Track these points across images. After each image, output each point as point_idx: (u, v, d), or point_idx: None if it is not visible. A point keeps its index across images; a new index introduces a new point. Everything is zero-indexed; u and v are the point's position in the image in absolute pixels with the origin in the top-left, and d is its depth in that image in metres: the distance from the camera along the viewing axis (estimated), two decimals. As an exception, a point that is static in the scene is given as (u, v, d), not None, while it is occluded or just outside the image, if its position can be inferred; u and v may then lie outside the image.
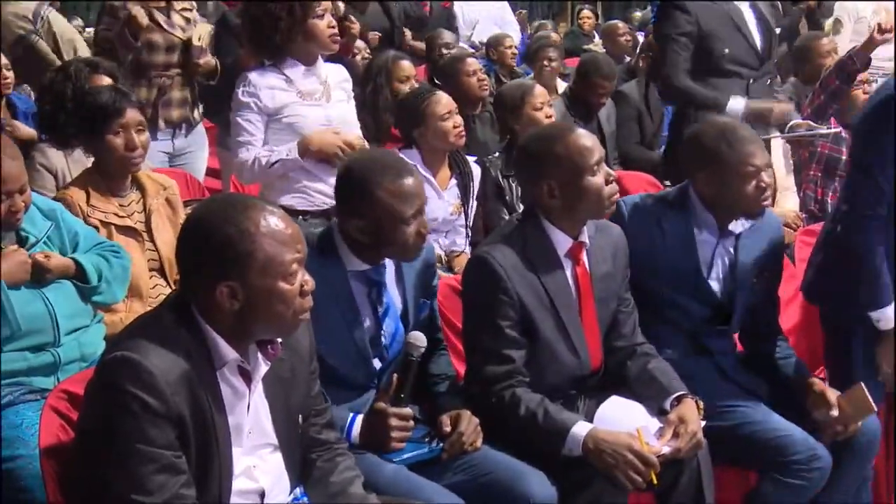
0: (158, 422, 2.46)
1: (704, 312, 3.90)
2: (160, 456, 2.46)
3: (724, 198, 3.80)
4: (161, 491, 2.45)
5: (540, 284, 3.49)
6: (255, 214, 2.59)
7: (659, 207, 3.91)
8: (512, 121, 5.32)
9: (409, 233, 3.32)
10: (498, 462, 3.31)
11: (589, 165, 3.48)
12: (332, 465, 2.94)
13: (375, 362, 3.42)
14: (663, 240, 3.85)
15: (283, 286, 2.58)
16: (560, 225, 3.54)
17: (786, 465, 3.61)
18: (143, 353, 2.49)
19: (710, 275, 3.88)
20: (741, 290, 3.90)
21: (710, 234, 3.88)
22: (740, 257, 3.90)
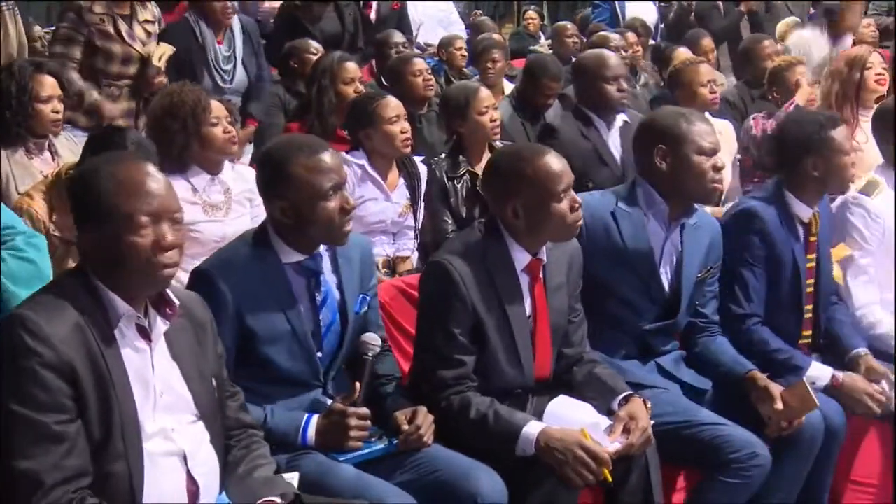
0: (47, 377, 2.51)
1: (653, 310, 3.95)
2: (41, 423, 2.50)
3: (680, 175, 3.84)
4: (41, 458, 2.49)
5: (495, 297, 3.51)
6: (125, 168, 2.69)
7: (611, 201, 3.96)
8: (457, 124, 5.31)
9: (330, 208, 3.30)
10: (448, 459, 3.32)
11: (556, 192, 3.49)
12: (246, 451, 2.96)
13: (318, 355, 3.42)
14: (618, 231, 3.90)
15: (134, 239, 2.62)
16: (521, 242, 3.56)
17: (725, 464, 3.65)
18: (33, 309, 2.58)
19: (660, 268, 3.94)
20: (686, 284, 3.96)
21: (659, 226, 3.93)
22: (686, 251, 3.95)
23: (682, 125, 3.86)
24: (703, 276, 4.01)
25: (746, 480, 3.67)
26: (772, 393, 3.79)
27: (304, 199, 3.29)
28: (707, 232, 4.03)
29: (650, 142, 3.92)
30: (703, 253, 4.00)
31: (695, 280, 3.98)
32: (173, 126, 4.56)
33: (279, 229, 3.36)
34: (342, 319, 3.47)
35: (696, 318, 4.07)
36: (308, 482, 3.05)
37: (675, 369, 3.97)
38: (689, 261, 3.95)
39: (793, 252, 4.13)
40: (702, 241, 4.00)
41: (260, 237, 3.40)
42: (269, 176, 3.37)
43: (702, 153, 3.83)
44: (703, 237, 4.01)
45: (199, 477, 2.74)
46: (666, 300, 3.96)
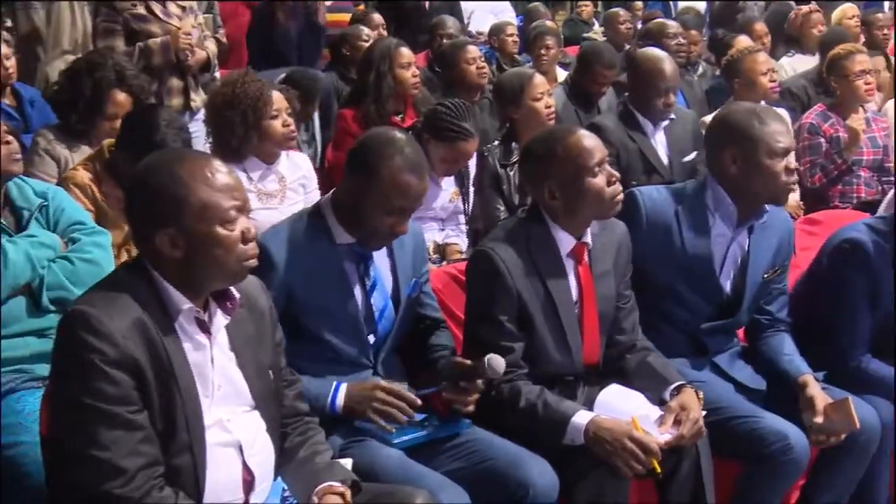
0: (112, 372, 2.51)
1: (709, 311, 3.90)
2: (114, 413, 2.50)
3: (751, 177, 3.74)
4: (117, 446, 2.50)
5: (541, 283, 3.50)
6: (190, 163, 2.66)
7: (676, 199, 3.89)
8: (511, 110, 5.29)
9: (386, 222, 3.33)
10: (498, 448, 3.32)
11: (589, 167, 3.47)
12: (304, 438, 2.98)
13: (370, 338, 3.45)
14: (679, 232, 3.84)
15: (221, 231, 2.62)
16: (563, 225, 3.54)
17: (762, 456, 3.62)
18: (93, 305, 2.57)
19: (722, 271, 3.87)
20: (750, 287, 3.89)
21: (725, 228, 3.85)
22: (752, 253, 3.87)
23: (754, 126, 3.73)
24: (770, 277, 3.94)
25: (782, 472, 3.64)
26: (815, 404, 3.72)
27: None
28: (777, 231, 3.93)
29: (721, 142, 3.81)
30: (772, 254, 3.91)
31: (760, 282, 3.91)
32: (233, 118, 4.59)
33: (339, 214, 3.38)
34: (395, 304, 3.50)
35: (761, 316, 4.00)
36: (359, 468, 3.06)
37: (729, 367, 3.91)
38: (754, 263, 3.87)
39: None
40: (770, 241, 3.91)
41: (315, 217, 3.43)
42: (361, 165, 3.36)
43: (774, 155, 3.71)
44: (772, 237, 3.92)
45: (255, 466, 2.76)
46: (725, 302, 3.90)
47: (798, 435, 3.64)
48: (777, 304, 4.02)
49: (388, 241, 3.43)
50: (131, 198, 2.72)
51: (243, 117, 4.58)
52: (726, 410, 3.68)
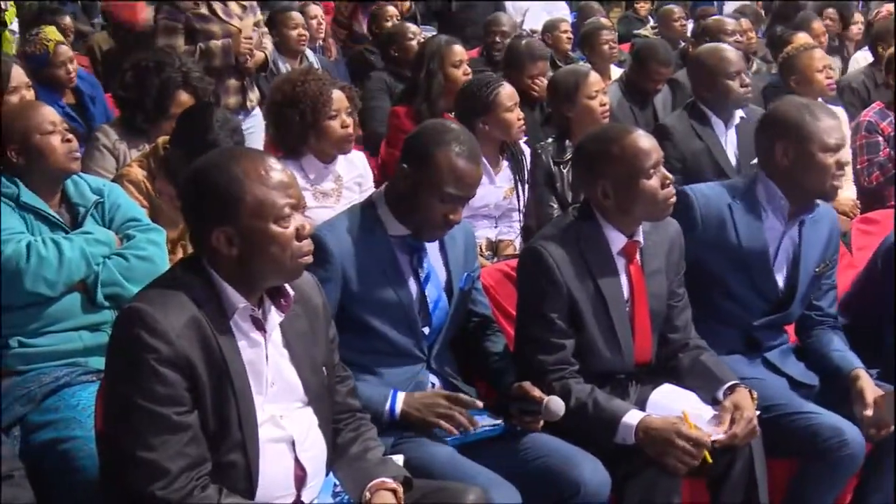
0: (165, 372, 2.53)
1: (762, 306, 3.88)
2: (163, 415, 2.53)
3: (802, 171, 3.74)
4: (163, 447, 2.52)
5: (591, 281, 3.50)
6: (245, 161, 2.67)
7: (728, 195, 3.88)
8: (566, 108, 5.27)
9: (440, 211, 3.34)
10: (550, 447, 3.32)
11: (644, 168, 3.45)
12: (356, 434, 2.99)
13: (424, 330, 3.46)
14: (734, 227, 3.83)
15: (275, 229, 2.64)
16: (615, 224, 3.53)
17: (818, 451, 3.59)
18: (150, 303, 2.59)
19: (775, 265, 3.86)
20: (802, 281, 3.87)
21: (777, 222, 3.84)
22: (804, 247, 3.86)
23: (806, 120, 3.73)
24: (821, 271, 3.92)
25: (838, 468, 3.61)
26: (864, 397, 3.68)
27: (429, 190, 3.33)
28: (826, 224, 3.93)
29: (773, 136, 3.80)
30: (822, 248, 3.91)
31: (812, 275, 3.90)
32: (293, 116, 4.59)
33: (393, 206, 3.39)
34: (448, 297, 3.51)
35: (812, 311, 3.98)
36: (411, 465, 3.07)
37: (782, 363, 3.90)
38: (806, 257, 3.87)
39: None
40: (821, 234, 3.91)
41: (368, 209, 3.45)
42: (418, 152, 3.38)
43: (826, 150, 3.71)
44: (822, 230, 3.92)
45: (307, 462, 2.77)
46: (778, 297, 3.89)
47: (853, 430, 3.61)
48: (827, 299, 4.00)
49: (442, 232, 3.43)
50: (187, 196, 2.74)
51: (302, 116, 4.58)
52: (781, 407, 3.66)
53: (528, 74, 6.48)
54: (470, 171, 3.34)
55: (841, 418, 3.63)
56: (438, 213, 3.35)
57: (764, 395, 3.59)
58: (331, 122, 4.63)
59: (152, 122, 4.84)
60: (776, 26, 9.08)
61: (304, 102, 4.58)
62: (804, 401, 3.73)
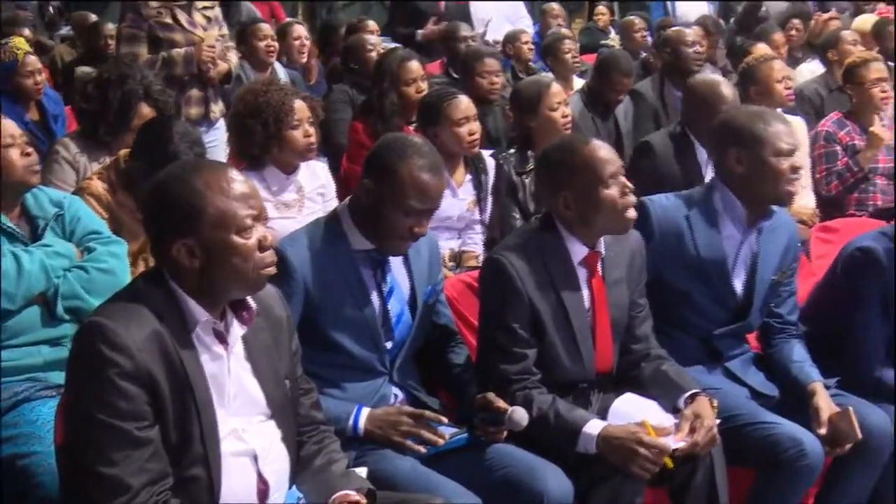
0: (126, 386, 2.51)
1: (722, 315, 3.91)
2: (124, 430, 2.51)
3: (757, 177, 3.78)
4: (124, 463, 2.51)
5: (553, 291, 3.51)
6: (206, 173, 2.67)
7: (685, 206, 3.91)
8: (528, 118, 5.29)
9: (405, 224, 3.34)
10: (513, 457, 3.32)
11: (603, 177, 3.47)
12: (320, 446, 2.98)
13: (386, 345, 3.46)
14: (692, 237, 3.85)
15: (237, 240, 2.63)
16: (576, 234, 3.55)
17: (777, 462, 3.61)
18: (110, 316, 2.57)
19: (734, 273, 3.89)
20: (760, 288, 3.91)
21: (735, 230, 3.88)
22: (762, 254, 3.90)
23: (758, 126, 3.78)
24: (779, 279, 3.95)
25: (797, 478, 3.64)
26: (819, 415, 3.72)
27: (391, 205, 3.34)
28: (784, 233, 3.97)
29: (726, 144, 3.85)
30: (780, 255, 3.94)
31: (769, 283, 3.93)
32: (255, 126, 4.58)
33: (356, 220, 3.39)
34: (411, 310, 3.51)
35: (772, 319, 4.01)
36: (375, 477, 3.06)
37: (742, 373, 3.92)
38: (764, 264, 3.90)
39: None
40: (779, 242, 3.94)
41: (332, 223, 3.45)
42: (379, 167, 3.38)
43: (779, 154, 3.76)
44: (780, 238, 3.95)
45: (270, 475, 2.76)
46: (738, 305, 3.92)
47: (812, 441, 3.64)
48: (786, 306, 4.03)
49: (407, 245, 3.44)
50: (148, 208, 2.72)
51: (264, 126, 4.57)
52: (741, 417, 3.68)
53: (479, 74, 6.48)
54: (433, 184, 3.35)
55: (801, 428, 3.66)
56: (403, 226, 3.35)
57: (724, 405, 3.61)
58: (293, 132, 4.62)
59: (113, 135, 4.81)
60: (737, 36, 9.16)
61: (266, 112, 4.57)
62: (764, 410, 3.76)
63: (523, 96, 5.37)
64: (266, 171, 4.67)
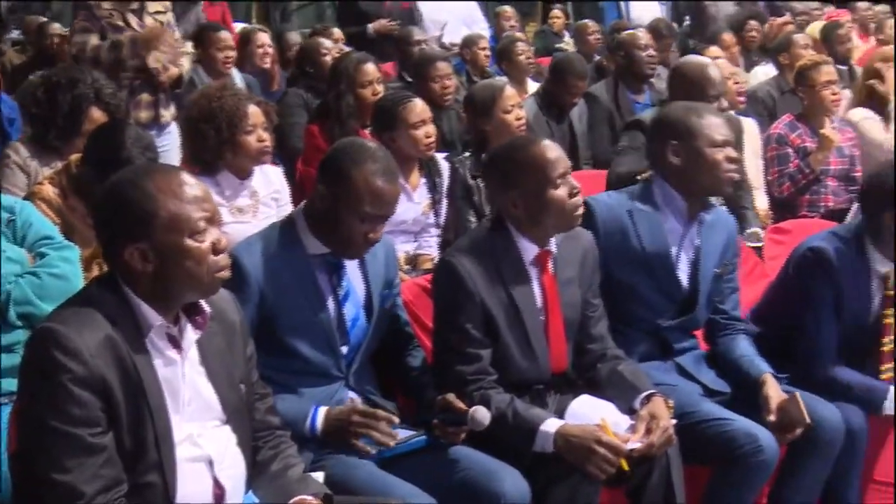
0: (79, 392, 2.49)
1: (669, 308, 3.94)
2: (77, 436, 2.49)
3: (694, 168, 3.83)
4: (78, 469, 2.49)
5: (505, 291, 3.53)
6: (158, 177, 2.66)
7: (627, 201, 3.95)
8: (482, 122, 5.30)
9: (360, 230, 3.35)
10: (471, 460, 3.33)
11: (551, 178, 3.50)
12: (276, 451, 2.97)
13: (342, 349, 3.45)
14: (636, 231, 3.89)
15: (190, 243, 2.62)
16: (526, 234, 3.57)
17: (733, 458, 3.64)
18: (63, 322, 2.55)
19: (678, 265, 3.93)
20: (704, 281, 3.95)
21: (676, 223, 3.92)
22: (704, 246, 3.94)
23: (692, 119, 3.85)
24: (721, 272, 4.00)
25: (753, 473, 3.67)
26: (769, 402, 3.76)
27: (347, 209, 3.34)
28: (723, 229, 4.03)
29: (662, 138, 3.91)
30: (721, 248, 3.99)
31: (712, 276, 3.97)
32: (208, 131, 4.56)
33: (311, 223, 3.39)
34: (367, 314, 3.50)
35: (717, 315, 4.05)
36: (332, 481, 3.06)
37: (695, 370, 3.96)
38: (707, 257, 3.95)
39: (861, 299, 4.05)
40: (719, 236, 4.00)
41: (287, 228, 3.44)
42: (333, 173, 3.37)
43: (714, 145, 3.82)
44: (720, 233, 4.01)
45: (226, 480, 2.74)
46: (684, 297, 3.95)
47: (767, 436, 3.67)
48: (730, 302, 4.08)
49: (362, 250, 3.43)
50: (100, 213, 2.70)
51: (218, 131, 4.55)
52: (696, 414, 3.71)
53: (432, 78, 6.49)
54: (387, 190, 3.35)
55: (755, 424, 3.69)
56: (358, 232, 3.35)
57: (679, 402, 3.64)
58: (247, 137, 4.60)
59: (64, 139, 4.77)
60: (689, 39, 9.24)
61: (219, 117, 4.55)
62: (719, 407, 3.79)
63: (477, 99, 5.39)
64: (220, 175, 4.66)
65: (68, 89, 4.80)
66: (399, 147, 4.96)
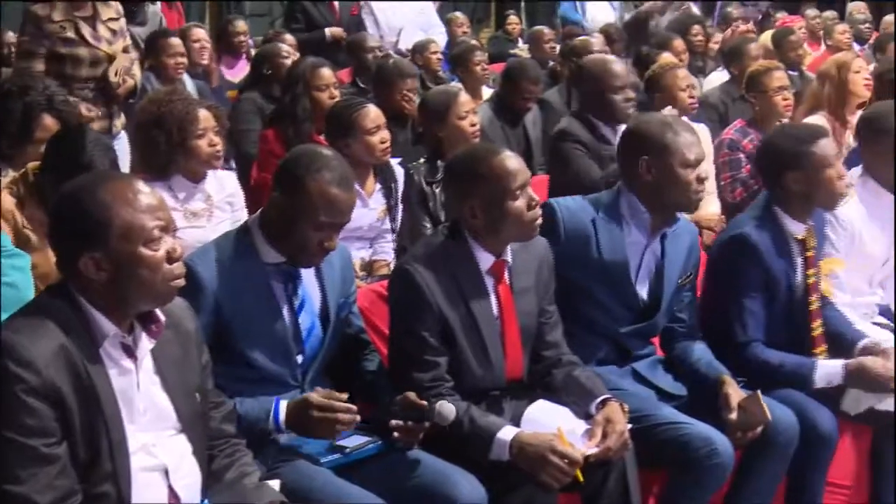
0: (33, 403, 2.48)
1: (628, 315, 3.95)
2: (31, 447, 2.48)
3: (664, 186, 3.84)
4: (32, 480, 2.47)
5: (461, 300, 3.53)
6: (112, 185, 2.65)
7: (592, 209, 3.95)
8: (437, 128, 5.31)
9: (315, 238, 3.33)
10: (427, 465, 3.33)
11: (511, 189, 3.50)
12: (231, 460, 2.96)
13: (298, 358, 3.44)
14: (597, 240, 3.90)
15: (145, 252, 2.61)
16: (482, 243, 3.57)
17: (689, 461, 3.66)
18: (16, 331, 2.54)
19: (638, 278, 3.94)
20: (667, 292, 3.96)
21: (640, 236, 3.93)
22: (667, 259, 3.96)
23: (668, 136, 3.84)
24: (684, 282, 4.03)
25: (709, 477, 3.69)
26: (729, 401, 3.78)
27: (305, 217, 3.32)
28: (686, 238, 4.05)
29: (635, 152, 3.90)
30: (683, 260, 4.01)
31: (675, 287, 3.99)
32: (159, 137, 4.54)
33: (267, 232, 3.37)
34: (323, 323, 3.49)
35: (675, 324, 4.07)
36: (287, 489, 3.05)
37: (651, 375, 3.98)
38: (669, 269, 3.96)
39: (788, 271, 4.10)
40: (682, 247, 4.01)
41: (242, 236, 3.42)
42: (289, 180, 3.37)
43: (687, 165, 3.82)
44: (683, 243, 4.02)
45: (181, 490, 2.74)
46: (642, 308, 3.97)
47: (723, 440, 3.69)
48: (688, 311, 4.10)
49: (318, 259, 3.42)
50: (54, 222, 2.69)
51: (169, 136, 4.54)
52: (651, 418, 3.72)
53: (399, 92, 6.49)
54: (343, 198, 3.34)
55: (711, 428, 3.71)
56: (313, 240, 3.34)
57: (635, 406, 3.66)
58: (198, 142, 4.60)
59: (15, 148, 4.72)
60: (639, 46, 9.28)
61: (170, 122, 4.54)
62: (675, 411, 3.81)
63: (431, 106, 5.40)
64: (173, 179, 4.65)
65: (20, 97, 4.75)
66: (354, 153, 4.96)
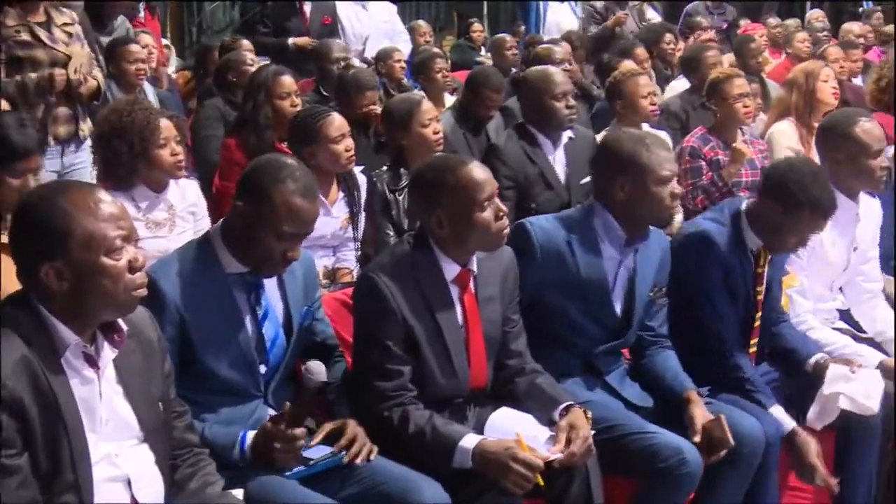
0: None
1: (602, 334, 3.97)
2: None
3: (639, 204, 3.85)
4: None
5: (426, 309, 3.53)
6: (73, 194, 2.64)
7: (566, 227, 3.95)
8: (400, 136, 5.30)
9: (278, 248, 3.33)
10: (391, 472, 3.33)
11: (479, 200, 3.50)
12: (194, 469, 2.96)
13: (260, 368, 3.43)
14: (573, 259, 3.89)
15: (107, 262, 2.61)
16: (448, 253, 3.57)
17: (658, 471, 3.67)
18: None
19: (614, 294, 3.95)
20: (638, 306, 3.98)
21: (614, 252, 3.93)
22: (638, 273, 3.97)
23: (643, 154, 3.84)
24: (655, 295, 4.04)
25: (678, 486, 3.70)
26: (694, 423, 3.80)
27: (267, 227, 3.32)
28: (657, 248, 4.05)
29: (610, 170, 3.90)
30: (654, 272, 4.02)
31: (646, 301, 4.01)
32: (120, 147, 4.54)
33: (229, 242, 3.36)
34: (287, 333, 3.49)
35: (644, 332, 4.08)
36: (252, 499, 3.05)
37: (619, 386, 3.98)
38: (641, 283, 3.97)
39: (744, 276, 4.14)
40: (653, 259, 4.02)
41: (204, 246, 3.41)
42: (253, 189, 3.35)
43: (661, 183, 3.83)
44: (654, 255, 4.03)
45: (144, 500, 2.74)
46: (616, 325, 3.98)
47: (691, 449, 3.71)
48: (657, 319, 4.11)
49: (281, 268, 3.42)
50: (14, 231, 2.67)
51: (130, 146, 4.53)
52: (621, 427, 3.74)
53: (358, 105, 6.47)
54: (306, 208, 3.34)
55: (679, 437, 3.73)
56: (276, 250, 3.33)
57: (604, 416, 3.68)
58: (160, 152, 4.59)
59: None
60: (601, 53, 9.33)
61: (131, 132, 4.54)
62: (643, 420, 3.82)
63: (394, 113, 5.38)
64: (135, 189, 4.64)
65: None
66: (318, 162, 4.96)
